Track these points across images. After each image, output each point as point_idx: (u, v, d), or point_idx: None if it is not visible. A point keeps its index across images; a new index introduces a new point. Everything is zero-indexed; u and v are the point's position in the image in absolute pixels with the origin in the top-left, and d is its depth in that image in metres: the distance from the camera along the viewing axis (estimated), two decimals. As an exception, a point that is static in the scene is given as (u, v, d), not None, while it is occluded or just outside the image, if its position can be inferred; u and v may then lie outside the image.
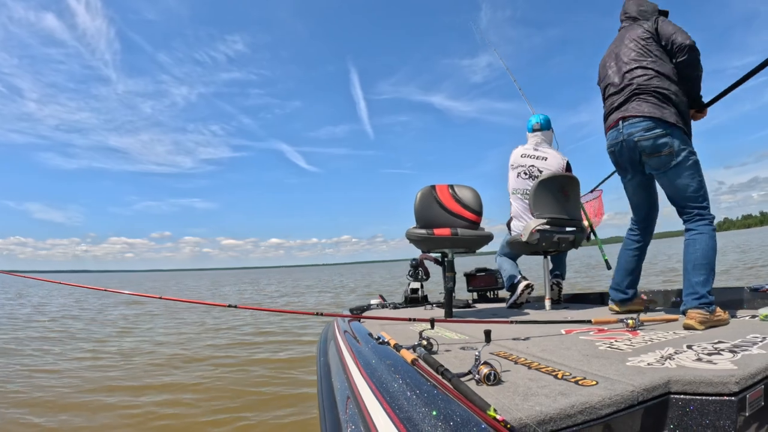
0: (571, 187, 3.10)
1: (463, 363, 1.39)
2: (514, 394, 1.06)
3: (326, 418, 1.22)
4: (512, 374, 1.25)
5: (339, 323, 2.31)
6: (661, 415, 1.07)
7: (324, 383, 1.52)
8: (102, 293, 14.26)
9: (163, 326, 8.35)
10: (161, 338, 6.94)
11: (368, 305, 3.83)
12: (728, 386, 1.05)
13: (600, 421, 0.96)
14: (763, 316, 1.91)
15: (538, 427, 0.89)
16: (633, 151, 2.25)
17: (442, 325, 2.39)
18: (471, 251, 2.91)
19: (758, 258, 14.92)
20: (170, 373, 4.64)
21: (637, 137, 2.19)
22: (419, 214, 2.99)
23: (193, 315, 10.00)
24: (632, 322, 1.92)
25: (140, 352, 5.84)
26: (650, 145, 2.16)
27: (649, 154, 2.19)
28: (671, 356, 1.34)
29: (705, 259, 2.06)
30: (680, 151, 2.13)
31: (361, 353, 1.45)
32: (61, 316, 10.35)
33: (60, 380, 4.38)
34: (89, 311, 11.62)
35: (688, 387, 1.08)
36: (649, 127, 2.15)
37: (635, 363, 1.28)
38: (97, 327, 8.37)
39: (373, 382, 1.08)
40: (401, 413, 0.86)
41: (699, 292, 1.99)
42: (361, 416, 0.94)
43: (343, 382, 1.26)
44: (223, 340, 6.59)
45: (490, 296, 4.13)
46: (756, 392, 1.09)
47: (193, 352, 5.74)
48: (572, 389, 1.06)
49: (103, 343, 6.61)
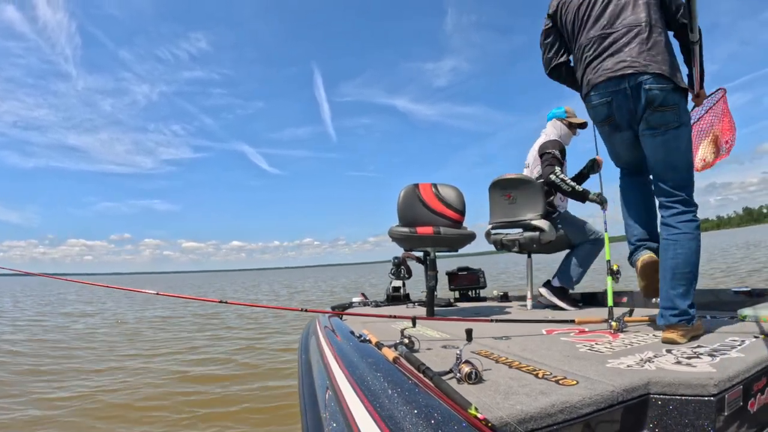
0: (516, 190, 3.13)
1: (445, 361, 1.39)
2: (495, 392, 1.05)
3: (307, 415, 1.20)
4: (493, 373, 1.25)
5: (321, 320, 2.29)
6: (640, 414, 1.08)
7: (305, 381, 1.51)
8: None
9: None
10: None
11: (350, 303, 3.82)
12: (707, 388, 1.07)
13: (580, 420, 0.97)
14: (742, 317, 1.95)
15: (519, 425, 0.89)
16: (636, 104, 1.88)
17: (423, 323, 2.39)
18: (453, 250, 2.91)
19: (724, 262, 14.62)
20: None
21: (647, 86, 1.82)
22: (402, 213, 2.99)
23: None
24: (616, 324, 1.93)
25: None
26: (661, 96, 1.81)
27: (656, 107, 1.82)
28: (650, 359, 1.35)
29: (687, 266, 1.77)
30: (685, 113, 1.87)
31: (342, 351, 1.43)
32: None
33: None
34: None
35: (668, 388, 1.09)
36: (662, 81, 1.82)
37: (615, 365, 1.29)
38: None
39: (355, 379, 1.06)
40: (382, 411, 0.85)
41: (679, 308, 1.73)
42: (342, 414, 0.92)
43: (324, 380, 1.24)
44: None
45: (471, 295, 4.15)
46: (734, 392, 1.11)
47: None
48: (553, 388, 1.06)
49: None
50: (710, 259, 14.87)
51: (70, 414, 3.34)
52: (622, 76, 1.86)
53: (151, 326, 8.25)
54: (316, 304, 10.38)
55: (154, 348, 5.95)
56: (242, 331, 7.30)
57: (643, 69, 1.81)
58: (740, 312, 1.98)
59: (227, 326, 7.93)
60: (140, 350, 5.81)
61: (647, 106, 1.83)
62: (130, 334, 7.27)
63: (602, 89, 1.94)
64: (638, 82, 1.82)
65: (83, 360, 5.32)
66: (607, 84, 1.91)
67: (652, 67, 1.80)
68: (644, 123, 1.88)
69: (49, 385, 4.15)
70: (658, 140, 1.88)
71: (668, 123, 1.83)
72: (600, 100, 1.97)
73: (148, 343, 6.31)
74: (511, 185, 3.13)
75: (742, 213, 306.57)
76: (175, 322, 8.89)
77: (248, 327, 7.66)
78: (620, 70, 1.86)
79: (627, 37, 1.88)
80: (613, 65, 1.89)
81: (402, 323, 2.41)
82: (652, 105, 1.82)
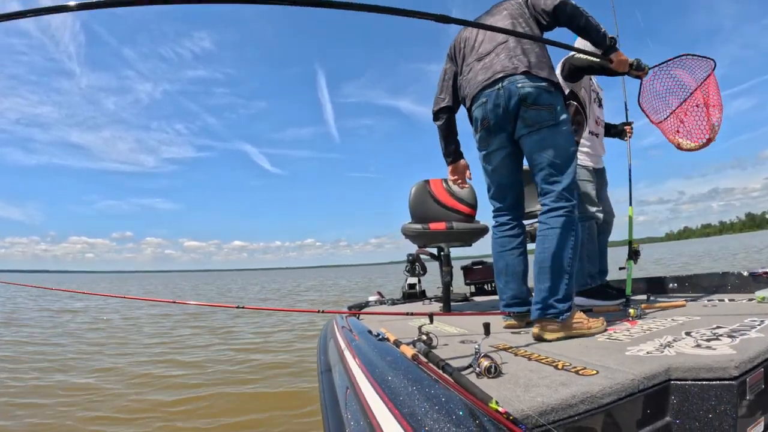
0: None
1: (464, 357, 1.39)
2: (515, 385, 1.06)
3: (329, 416, 1.22)
4: (512, 366, 1.25)
5: (338, 321, 2.31)
6: (662, 401, 1.08)
7: (325, 381, 1.52)
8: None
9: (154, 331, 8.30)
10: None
11: (367, 302, 3.84)
12: (728, 371, 1.06)
13: (601, 409, 0.97)
14: (760, 298, 1.93)
15: (540, 417, 0.90)
16: (509, 101, 1.88)
17: (440, 319, 2.40)
18: (467, 244, 2.92)
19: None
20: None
21: (520, 84, 1.86)
22: (414, 210, 3.00)
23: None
24: (633, 311, 1.92)
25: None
26: (534, 93, 1.85)
27: (530, 104, 1.86)
28: (670, 344, 1.34)
29: (554, 261, 1.78)
30: (561, 113, 1.89)
31: (361, 350, 1.45)
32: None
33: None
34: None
35: (688, 373, 1.09)
36: (535, 80, 1.88)
37: (634, 352, 1.29)
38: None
39: (375, 378, 1.08)
40: (403, 409, 0.86)
41: (543, 303, 1.74)
42: (363, 413, 0.93)
43: (344, 380, 1.26)
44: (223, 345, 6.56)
45: (487, 289, 4.14)
46: (756, 375, 1.10)
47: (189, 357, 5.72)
48: (573, 379, 1.06)
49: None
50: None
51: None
52: (494, 81, 1.92)
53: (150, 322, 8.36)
54: (333, 305, 10.43)
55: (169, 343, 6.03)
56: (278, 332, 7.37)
57: (512, 71, 1.88)
58: (758, 294, 1.96)
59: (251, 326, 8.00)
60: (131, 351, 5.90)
61: (521, 103, 1.86)
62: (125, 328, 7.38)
63: (479, 98, 2.00)
64: (510, 82, 1.87)
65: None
66: (482, 92, 1.97)
67: (521, 67, 1.87)
68: (521, 121, 1.89)
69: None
70: (533, 138, 1.89)
71: (543, 121, 1.85)
72: (477, 104, 2.01)
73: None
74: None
75: (744, 218, 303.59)
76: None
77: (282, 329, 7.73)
78: (492, 76, 1.93)
79: (495, 51, 1.97)
80: (485, 76, 1.96)
81: (419, 320, 2.41)
82: (526, 102, 1.85)
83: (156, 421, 3.25)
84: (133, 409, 3.54)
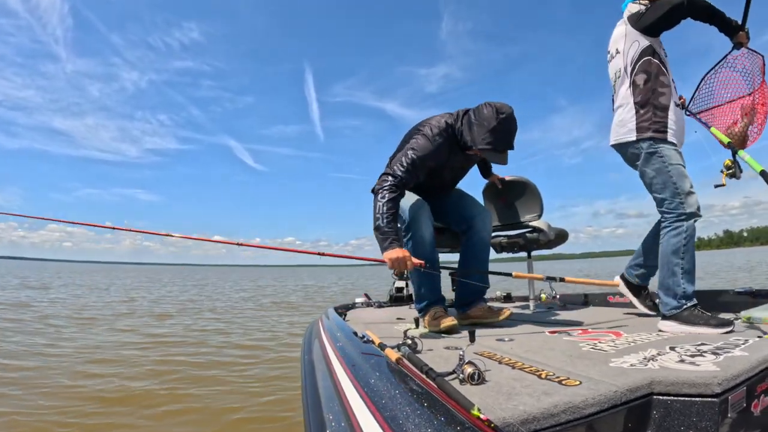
0: (511, 193, 3.12)
1: (448, 362, 1.39)
2: (498, 393, 1.05)
3: (310, 417, 1.20)
4: (496, 374, 1.25)
5: (323, 321, 2.29)
6: (644, 415, 1.08)
7: (308, 382, 1.51)
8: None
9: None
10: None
11: (353, 304, 3.82)
12: (711, 387, 1.06)
13: (583, 420, 0.96)
14: (745, 318, 1.94)
15: (522, 426, 0.89)
16: None
17: (426, 324, 2.39)
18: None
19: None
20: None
21: None
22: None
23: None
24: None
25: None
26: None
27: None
28: (654, 357, 1.35)
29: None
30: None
31: (345, 352, 1.44)
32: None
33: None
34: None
35: (671, 388, 1.09)
36: None
37: (618, 364, 1.29)
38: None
39: (358, 380, 1.07)
40: (385, 412, 0.85)
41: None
42: (345, 415, 0.92)
43: (328, 381, 1.24)
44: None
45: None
46: (738, 394, 1.11)
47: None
48: (556, 389, 1.06)
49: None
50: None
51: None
52: None
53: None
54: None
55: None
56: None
57: None
58: (743, 314, 1.98)
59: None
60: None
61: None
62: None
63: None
64: None
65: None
66: None
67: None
68: None
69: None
70: None
71: None
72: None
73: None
74: (504, 189, 3.13)
75: (722, 235, 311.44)
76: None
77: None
78: None
79: None
80: None
81: (405, 324, 2.41)
82: None
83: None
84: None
